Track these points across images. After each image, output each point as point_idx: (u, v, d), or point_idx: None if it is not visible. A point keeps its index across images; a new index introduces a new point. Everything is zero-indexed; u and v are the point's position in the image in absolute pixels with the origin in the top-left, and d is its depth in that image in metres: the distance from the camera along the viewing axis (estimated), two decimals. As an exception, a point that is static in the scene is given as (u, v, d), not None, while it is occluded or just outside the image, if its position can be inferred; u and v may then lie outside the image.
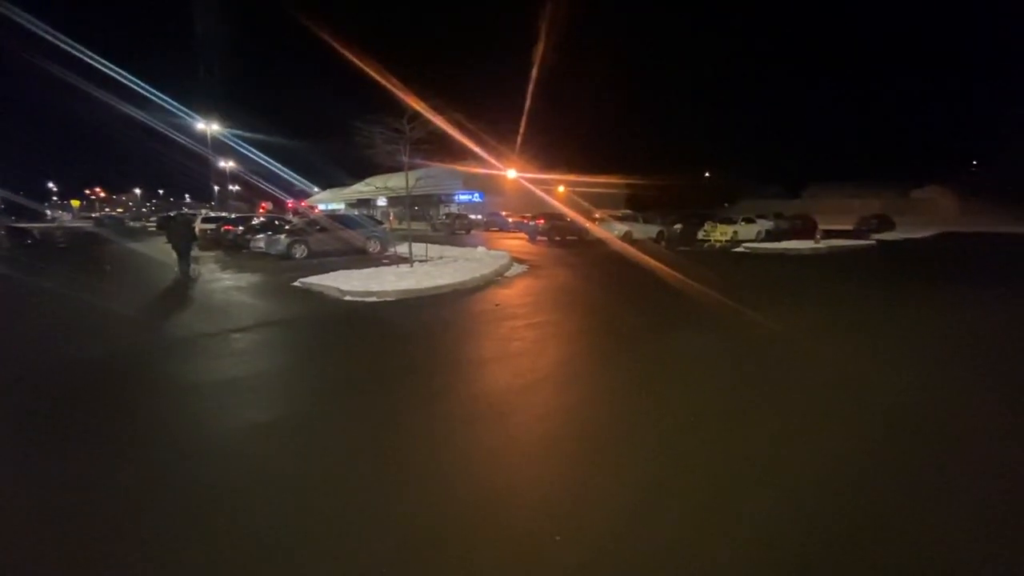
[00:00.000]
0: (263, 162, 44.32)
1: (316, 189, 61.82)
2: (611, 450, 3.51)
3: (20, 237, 23.27)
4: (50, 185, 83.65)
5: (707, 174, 55.98)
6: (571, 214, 26.88)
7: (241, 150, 41.82)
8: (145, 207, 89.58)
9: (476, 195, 42.33)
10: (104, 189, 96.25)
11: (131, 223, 49.44)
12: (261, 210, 45.42)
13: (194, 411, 4.43)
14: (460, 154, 40.80)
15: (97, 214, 61.32)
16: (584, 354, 6.08)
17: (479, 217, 36.91)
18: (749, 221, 24.12)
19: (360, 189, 52.55)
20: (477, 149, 37.78)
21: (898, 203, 42.05)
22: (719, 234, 23.17)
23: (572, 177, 38.76)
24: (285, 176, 49.17)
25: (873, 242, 22.38)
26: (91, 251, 21.92)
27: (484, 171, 38.01)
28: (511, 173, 37.50)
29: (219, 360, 5.91)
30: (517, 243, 23.03)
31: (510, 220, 33.94)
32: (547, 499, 2.92)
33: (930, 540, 2.52)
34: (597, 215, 26.77)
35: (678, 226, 25.12)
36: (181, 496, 3.00)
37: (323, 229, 18.10)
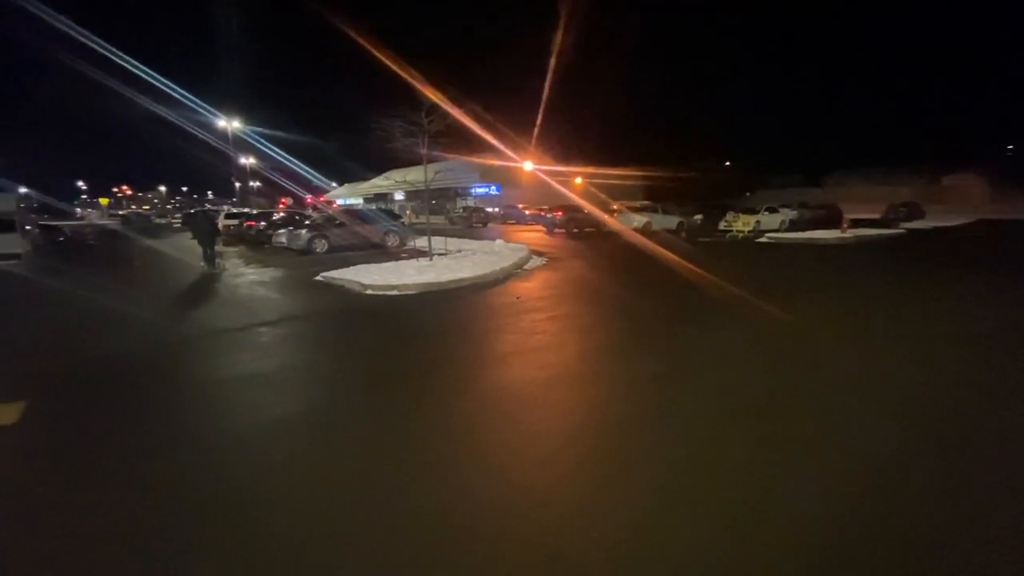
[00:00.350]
0: (283, 158, 44.86)
1: (334, 184, 62.43)
2: (641, 445, 3.46)
3: (52, 235, 23.97)
4: (79, 184, 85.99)
5: (727, 163, 54.88)
6: (589, 206, 26.66)
7: (261, 147, 42.37)
8: (170, 204, 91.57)
9: (493, 188, 42.23)
10: (131, 187, 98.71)
11: (156, 220, 50.59)
12: (281, 206, 46.06)
13: (222, 405, 4.50)
14: (477, 147, 40.68)
15: (124, 211, 62.95)
16: (608, 347, 6.01)
17: (496, 210, 36.82)
18: (772, 211, 23.61)
19: (378, 183, 52.83)
20: (494, 142, 37.69)
21: (928, 190, 40.70)
22: (741, 224, 22.72)
23: (589, 169, 38.35)
24: (304, 172, 49.71)
25: (903, 231, 21.72)
26: (119, 248, 22.52)
27: (501, 164, 37.86)
28: (528, 165, 37.30)
29: (246, 354, 6.00)
30: (535, 236, 22.92)
31: (527, 213, 33.79)
32: (580, 495, 2.89)
33: (973, 544, 2.43)
34: (615, 207, 26.47)
35: (698, 217, 24.74)
36: (207, 489, 3.04)
37: (343, 224, 18.29)
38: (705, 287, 9.67)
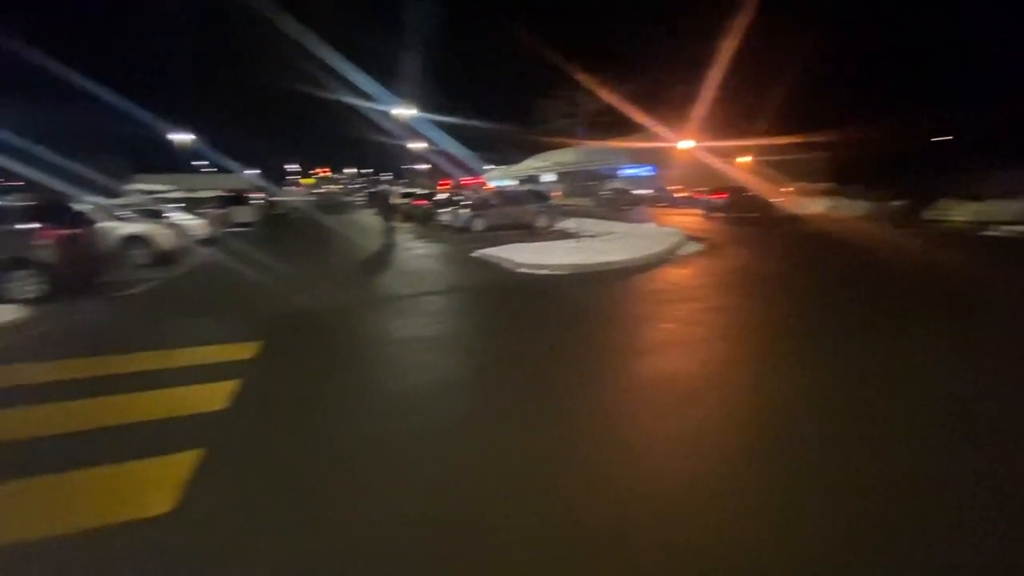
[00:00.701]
0: (446, 142, 48.47)
1: (490, 166, 65.76)
2: (821, 460, 3.05)
3: (271, 208, 29.62)
4: (288, 167, 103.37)
5: (945, 137, 44.67)
6: (756, 187, 24.10)
7: (428, 132, 46.27)
8: (355, 184, 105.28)
9: (645, 169, 40.50)
10: (328, 169, 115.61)
11: (344, 198, 58.71)
12: (441, 186, 50.08)
13: (398, 361, 5.10)
14: (631, 127, 39.21)
15: (321, 190, 74.29)
16: (782, 345, 5.34)
17: (646, 192, 35.34)
18: (1007, 197, 18.70)
19: (530, 165, 54.42)
20: (649, 121, 35.92)
21: None
22: (958, 213, 18.47)
23: (760, 141, 33.86)
24: (463, 154, 53.28)
25: None
26: (316, 221, 26.75)
27: (655, 144, 36.01)
28: (685, 144, 34.82)
29: (416, 319, 6.70)
30: (689, 219, 21.49)
31: (679, 195, 31.87)
32: (748, 506, 2.65)
33: None
34: (789, 189, 23.53)
35: (899, 202, 20.72)
36: (381, 443, 3.49)
37: (497, 204, 19.29)
38: (905, 287, 8.11)
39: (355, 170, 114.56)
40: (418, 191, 29.55)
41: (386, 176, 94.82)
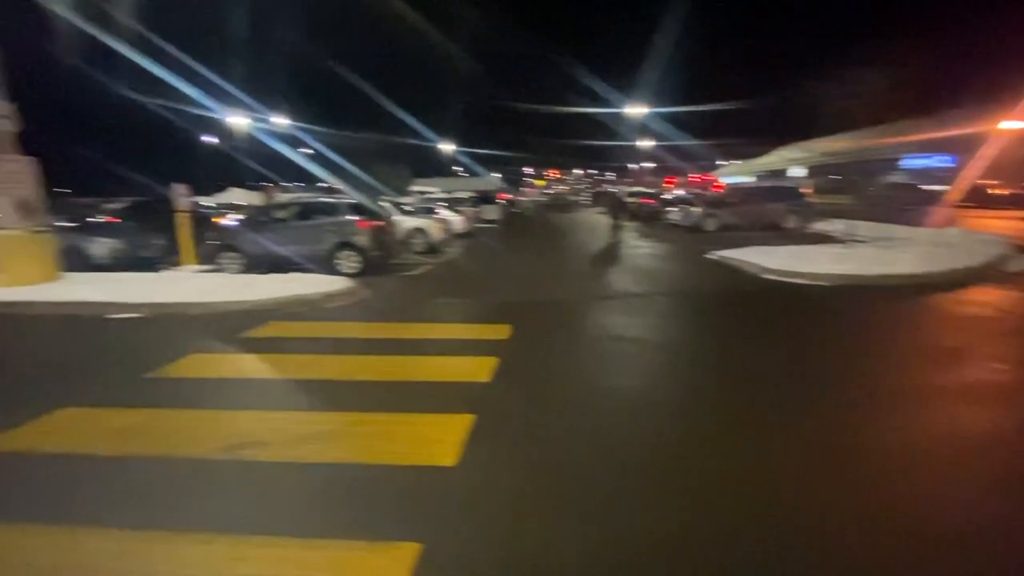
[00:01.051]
0: (676, 137, 46.25)
1: (724, 161, 60.40)
2: None
3: (511, 207, 32.97)
4: (525, 169, 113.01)
5: None
6: None
7: (659, 128, 44.78)
8: (581, 184, 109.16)
9: (938, 159, 31.47)
10: (558, 170, 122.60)
11: (572, 198, 61.37)
12: (667, 184, 47.99)
13: (640, 362, 5.02)
14: (922, 107, 31.03)
15: (551, 191, 79.21)
16: None
17: (940, 188, 27.48)
18: None
19: (779, 157, 48.06)
20: (953, 97, 27.87)
21: None
22: None
23: None
24: (695, 149, 50.18)
25: None
26: (547, 218, 28.69)
27: (956, 129, 27.69)
28: (1011, 124, 25.70)
29: (649, 319, 6.54)
30: (1016, 224, 15.94)
31: (995, 192, 23.92)
32: None
33: None
34: None
35: None
36: (633, 435, 3.45)
37: (734, 202, 17.67)
38: None
39: (582, 171, 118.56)
40: (644, 189, 29.04)
41: (609, 175, 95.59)
